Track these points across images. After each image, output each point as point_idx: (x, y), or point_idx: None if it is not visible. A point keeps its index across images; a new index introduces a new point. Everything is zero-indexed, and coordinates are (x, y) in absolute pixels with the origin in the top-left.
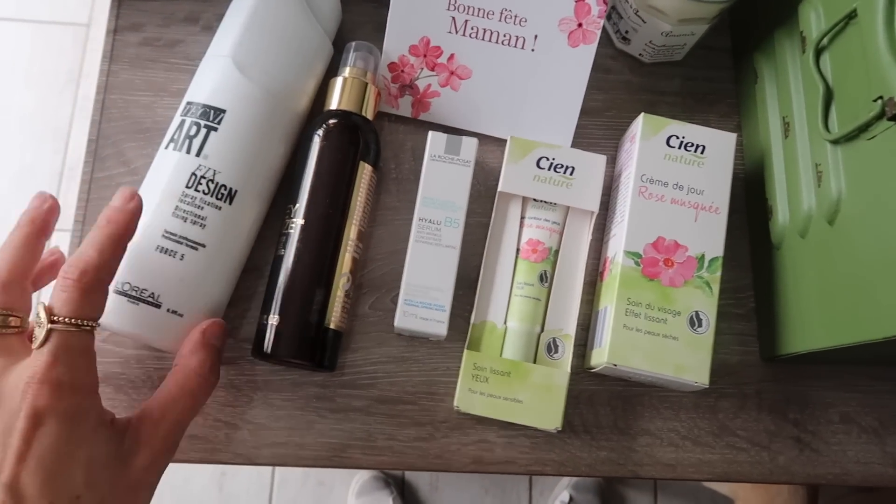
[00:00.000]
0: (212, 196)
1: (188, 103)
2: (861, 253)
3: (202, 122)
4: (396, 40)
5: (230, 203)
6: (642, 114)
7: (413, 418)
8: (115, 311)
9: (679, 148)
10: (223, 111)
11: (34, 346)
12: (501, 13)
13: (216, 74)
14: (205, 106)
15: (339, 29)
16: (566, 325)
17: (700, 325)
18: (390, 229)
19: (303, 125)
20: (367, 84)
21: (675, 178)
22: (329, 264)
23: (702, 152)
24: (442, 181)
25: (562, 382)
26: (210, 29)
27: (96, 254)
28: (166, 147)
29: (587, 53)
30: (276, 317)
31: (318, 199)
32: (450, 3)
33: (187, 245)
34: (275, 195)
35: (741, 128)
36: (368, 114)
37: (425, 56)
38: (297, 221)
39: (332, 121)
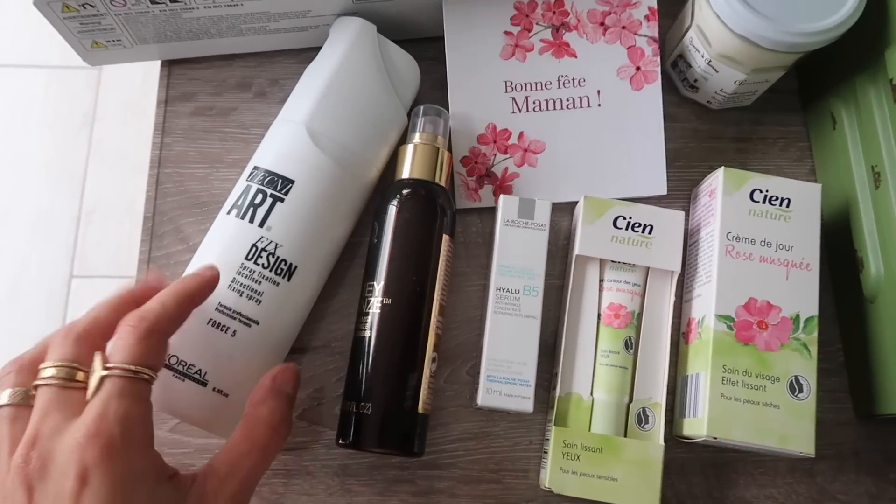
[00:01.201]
0: (271, 271)
1: (255, 168)
2: None
3: (268, 191)
4: (463, 134)
5: (289, 279)
6: (722, 168)
7: (499, 498)
8: (158, 387)
9: (764, 202)
10: (292, 181)
11: (87, 396)
12: (559, 80)
13: (287, 141)
14: (272, 173)
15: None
16: (655, 393)
17: (801, 391)
18: (461, 296)
19: (369, 198)
20: (438, 149)
21: (762, 235)
22: (418, 345)
23: (787, 206)
24: (517, 247)
25: (657, 456)
26: (263, 95)
27: (158, 305)
28: (228, 212)
29: (654, 92)
30: (367, 404)
31: (402, 275)
32: (507, 86)
33: (241, 321)
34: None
35: (816, 173)
36: (442, 180)
37: (495, 142)
38: (381, 300)
39: (406, 191)
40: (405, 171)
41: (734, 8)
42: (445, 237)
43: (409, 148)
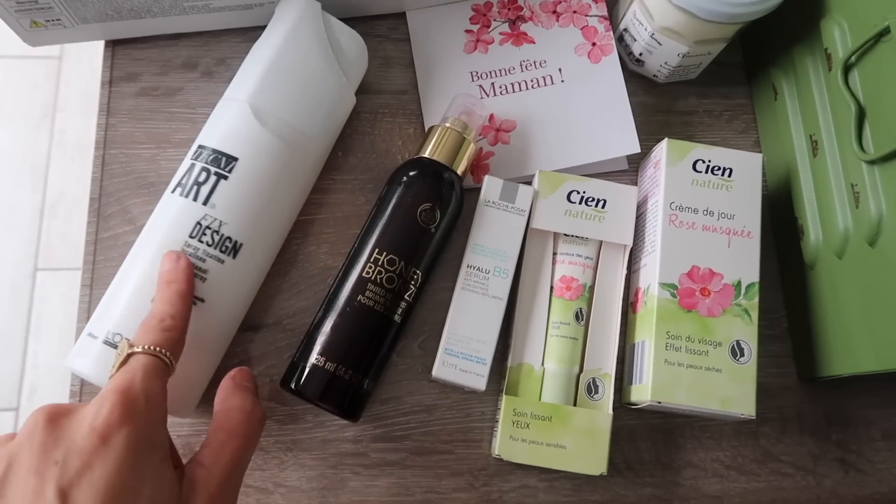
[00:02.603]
0: (216, 248)
1: (199, 147)
2: None
3: (212, 169)
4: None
5: (234, 257)
6: (666, 139)
7: (451, 468)
8: (100, 363)
9: (706, 172)
10: (235, 159)
11: (112, 371)
12: (521, 64)
13: (231, 119)
14: (216, 151)
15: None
16: (605, 363)
17: (742, 355)
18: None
19: (316, 177)
20: (464, 138)
21: (704, 204)
22: (408, 321)
23: (729, 175)
24: (494, 228)
25: (605, 425)
26: (210, 74)
27: (169, 305)
28: (172, 191)
29: (612, 62)
30: (360, 376)
31: (434, 265)
32: (472, 76)
33: None
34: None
35: (761, 144)
36: (459, 168)
37: None
38: (415, 290)
39: (448, 181)
40: (426, 151)
41: None
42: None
43: (437, 129)
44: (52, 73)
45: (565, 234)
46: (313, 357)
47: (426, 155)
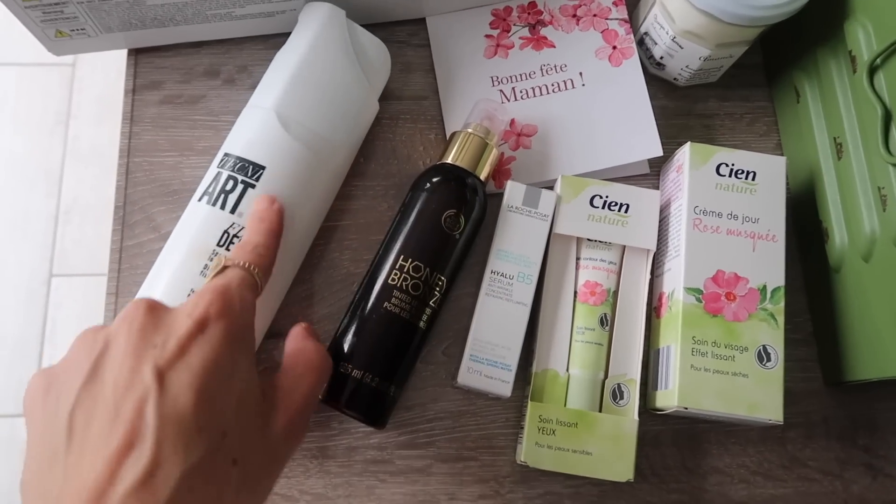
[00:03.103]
0: None
1: (226, 154)
2: None
3: (239, 178)
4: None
5: None
6: (689, 143)
7: (476, 475)
8: None
9: (730, 176)
10: (262, 167)
11: (208, 278)
12: (541, 69)
13: (257, 127)
14: (242, 160)
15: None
16: (630, 369)
17: (769, 360)
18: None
19: (340, 184)
20: (487, 144)
21: (728, 208)
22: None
23: (753, 179)
24: (517, 233)
25: (631, 431)
26: (232, 82)
27: (260, 237)
28: (199, 199)
29: (633, 65)
30: (389, 385)
31: (457, 271)
32: (493, 81)
33: None
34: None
35: (782, 147)
36: (482, 174)
37: None
38: (441, 298)
39: (472, 187)
40: (449, 157)
41: None
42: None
43: (459, 135)
44: (65, 79)
45: (588, 239)
46: (340, 364)
47: (449, 161)
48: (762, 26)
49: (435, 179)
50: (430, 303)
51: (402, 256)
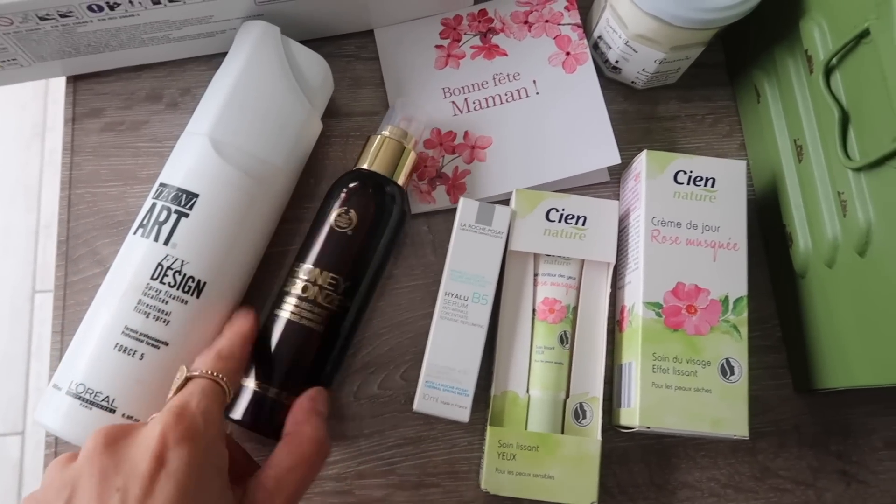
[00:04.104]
0: (178, 289)
1: (161, 185)
2: None
3: (173, 207)
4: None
5: (198, 296)
6: (645, 151)
7: (438, 502)
8: (65, 416)
9: (688, 184)
10: (196, 195)
11: (170, 394)
12: (494, 78)
13: (191, 154)
14: (177, 189)
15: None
16: (592, 387)
17: (732, 374)
18: (391, 299)
19: (284, 207)
20: (404, 147)
21: (687, 217)
22: (349, 342)
23: (712, 185)
24: (471, 253)
25: (594, 452)
26: (175, 106)
27: (225, 339)
28: (134, 232)
29: (588, 71)
30: (289, 395)
31: (356, 267)
32: (445, 92)
33: (148, 343)
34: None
35: (746, 148)
36: (400, 179)
37: (441, 145)
38: (341, 298)
39: (354, 183)
40: (367, 162)
41: None
42: (391, 240)
43: (376, 139)
44: (39, 92)
45: (546, 255)
46: (242, 381)
47: (364, 166)
48: (714, 28)
49: (347, 185)
50: (325, 304)
51: (296, 262)
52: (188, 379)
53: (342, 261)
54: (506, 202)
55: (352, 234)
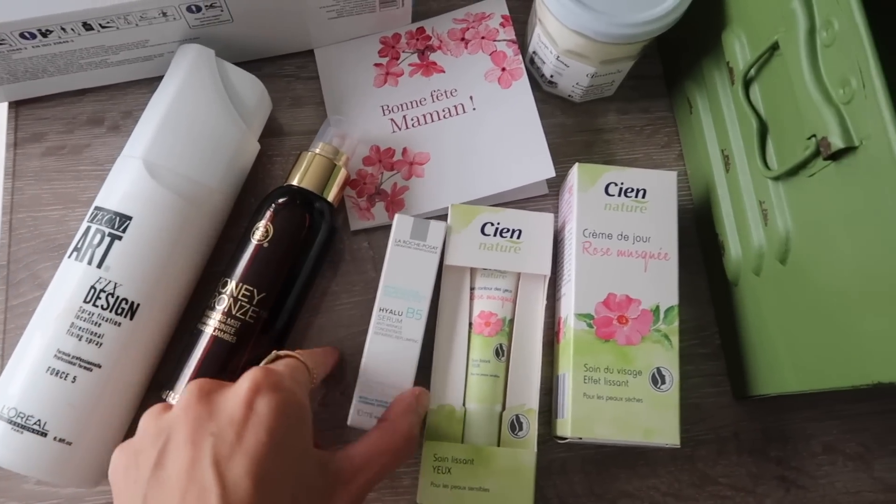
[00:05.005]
0: (111, 311)
1: (96, 208)
2: (817, 295)
3: (106, 230)
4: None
5: (131, 318)
6: (576, 164)
7: None
8: (4, 444)
9: (619, 195)
10: (129, 218)
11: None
12: (432, 95)
13: (125, 177)
14: (110, 212)
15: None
16: (528, 398)
17: (663, 383)
18: (332, 316)
19: (221, 228)
20: (335, 165)
21: (618, 229)
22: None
23: (643, 196)
24: (405, 268)
25: (529, 464)
26: (117, 129)
27: (316, 349)
28: (69, 256)
29: (523, 86)
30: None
31: (272, 283)
32: (384, 110)
33: (80, 366)
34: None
35: (684, 157)
36: (330, 196)
37: (380, 161)
38: (254, 308)
39: (283, 199)
40: (295, 179)
41: (565, 5)
42: (317, 255)
43: (306, 156)
44: None
45: (482, 269)
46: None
47: (294, 183)
48: (639, 42)
49: (271, 201)
50: (238, 315)
51: (220, 277)
52: (277, 357)
53: (256, 272)
54: (444, 217)
55: (268, 247)
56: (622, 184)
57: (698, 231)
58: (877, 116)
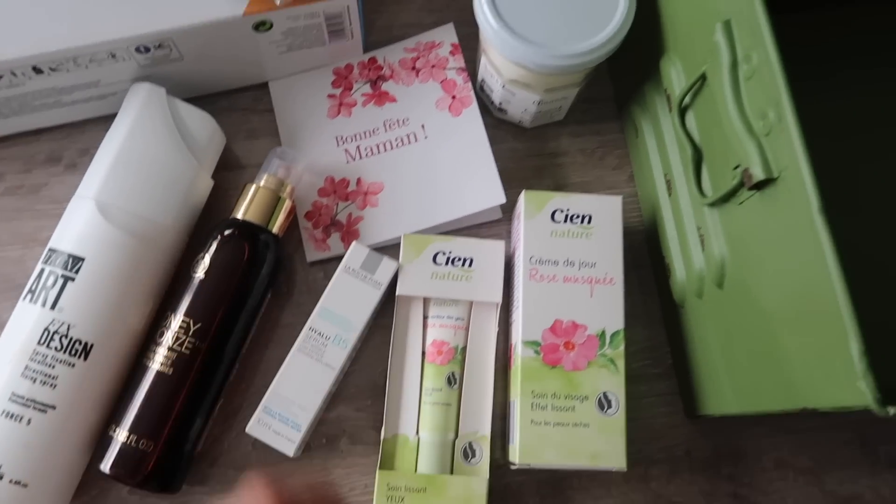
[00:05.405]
0: (64, 352)
1: (50, 250)
2: (750, 319)
3: (60, 272)
4: (304, 191)
5: (85, 359)
6: (523, 191)
7: None
8: None
9: (565, 221)
10: (81, 259)
11: None
12: (384, 125)
13: (78, 218)
14: (63, 254)
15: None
16: (481, 425)
17: (610, 407)
18: (285, 349)
19: (176, 263)
20: (279, 197)
21: (564, 255)
22: (219, 391)
23: (588, 222)
24: (347, 296)
25: (481, 491)
26: (74, 167)
27: None
28: (24, 297)
29: (473, 113)
30: (151, 443)
31: (214, 317)
32: (338, 141)
33: (35, 408)
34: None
35: (635, 179)
36: (275, 228)
37: (335, 192)
38: (191, 339)
39: (227, 231)
40: (239, 212)
41: (503, 38)
42: (260, 286)
43: (250, 189)
44: None
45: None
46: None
47: (239, 216)
48: (580, 72)
49: (213, 234)
50: (175, 347)
51: (165, 311)
52: None
53: (195, 305)
54: (398, 246)
55: (205, 279)
56: (568, 210)
57: (650, 251)
58: (791, 150)
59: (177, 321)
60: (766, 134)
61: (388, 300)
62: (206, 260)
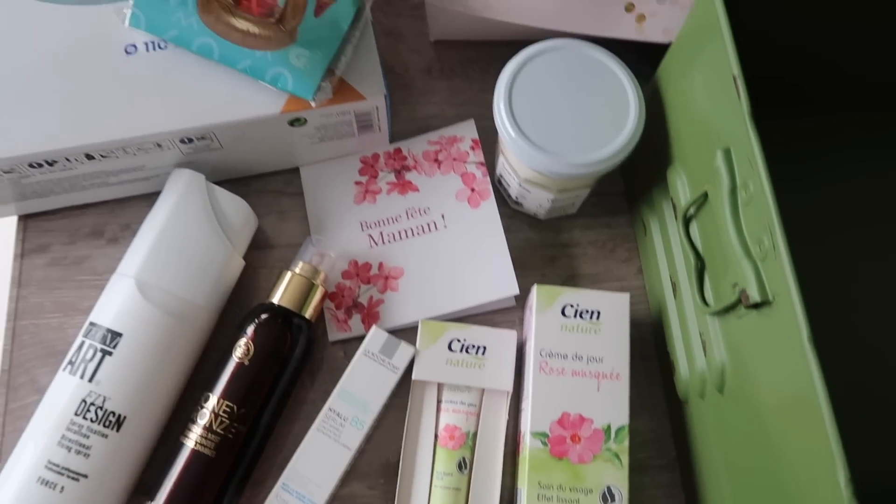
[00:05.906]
0: (99, 423)
1: (91, 324)
2: (747, 428)
3: (99, 346)
4: (329, 274)
5: (118, 430)
6: (535, 285)
7: None
8: None
9: (574, 317)
10: (120, 335)
11: None
12: (406, 213)
13: (118, 295)
14: (103, 328)
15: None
16: None
17: (613, 500)
18: (307, 424)
19: (206, 340)
20: (313, 284)
21: (574, 349)
22: (252, 470)
23: (597, 318)
24: (365, 379)
25: None
26: (116, 241)
27: None
28: (64, 369)
29: (490, 207)
30: None
31: (253, 399)
32: (362, 226)
33: (69, 476)
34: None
35: (643, 272)
36: (307, 313)
37: (358, 275)
38: (234, 425)
39: (264, 315)
40: (276, 297)
41: (520, 146)
42: (295, 369)
43: (286, 275)
44: None
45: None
46: None
47: (275, 300)
48: (594, 173)
49: (252, 318)
50: (219, 430)
51: (203, 391)
52: None
53: (238, 389)
54: (415, 329)
55: (248, 365)
56: (578, 305)
57: (656, 344)
58: (782, 278)
59: (217, 403)
60: (763, 259)
61: (403, 381)
62: (249, 344)
